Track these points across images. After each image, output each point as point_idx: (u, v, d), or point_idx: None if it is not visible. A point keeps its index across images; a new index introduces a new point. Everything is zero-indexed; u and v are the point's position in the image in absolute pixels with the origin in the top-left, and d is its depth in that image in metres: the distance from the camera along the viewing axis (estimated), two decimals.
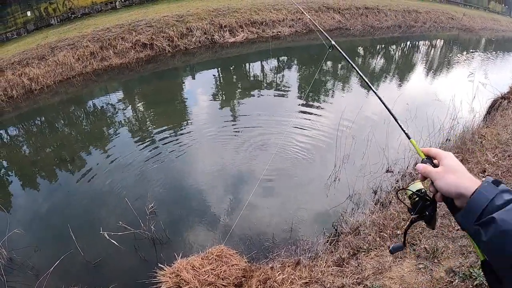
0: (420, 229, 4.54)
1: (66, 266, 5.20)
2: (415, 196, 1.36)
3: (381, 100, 1.56)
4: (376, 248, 4.52)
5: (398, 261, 4.18)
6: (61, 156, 8.87)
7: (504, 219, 0.96)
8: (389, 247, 1.46)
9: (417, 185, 1.38)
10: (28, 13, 19.80)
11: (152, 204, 5.93)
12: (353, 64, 1.61)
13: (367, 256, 4.45)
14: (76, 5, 20.45)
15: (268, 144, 8.45)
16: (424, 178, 1.31)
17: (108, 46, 15.73)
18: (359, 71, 2.28)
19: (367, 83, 1.82)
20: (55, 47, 15.44)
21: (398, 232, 4.67)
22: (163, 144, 8.72)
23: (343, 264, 4.44)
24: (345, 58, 2.23)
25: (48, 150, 9.61)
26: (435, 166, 1.28)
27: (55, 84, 13.94)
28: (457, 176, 1.16)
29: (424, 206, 1.33)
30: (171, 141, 8.84)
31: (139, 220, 5.54)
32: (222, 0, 20.85)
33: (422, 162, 1.35)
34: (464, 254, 3.98)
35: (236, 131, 9.31)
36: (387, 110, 1.81)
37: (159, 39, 16.49)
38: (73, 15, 20.45)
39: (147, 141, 8.93)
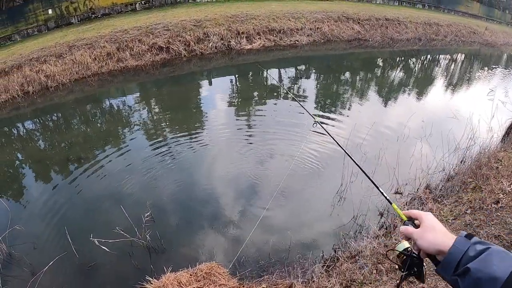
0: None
1: (61, 267, 5.19)
2: (402, 255, 1.48)
3: (362, 170, 1.70)
4: (370, 283, 4.27)
5: None
6: (68, 155, 8.83)
7: (477, 268, 1.10)
8: None
9: (404, 244, 1.48)
10: (50, 11, 20.11)
11: (149, 212, 5.76)
12: (337, 142, 1.66)
13: None
14: (97, 5, 20.72)
15: (276, 157, 8.28)
16: (407, 238, 1.43)
17: (125, 48, 15.81)
18: (341, 145, 2.29)
19: (347, 154, 1.81)
20: (73, 46, 15.59)
21: (397, 266, 4.42)
22: (173, 150, 8.60)
23: None
24: (329, 135, 2.32)
25: (56, 148, 9.64)
26: (417, 226, 1.39)
27: (71, 83, 14.08)
28: (434, 235, 1.29)
29: (412, 263, 1.44)
30: (181, 148, 8.71)
31: (135, 228, 5.48)
32: (241, 6, 20.88)
33: (404, 224, 1.47)
34: None
35: (248, 142, 9.12)
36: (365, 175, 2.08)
37: (175, 43, 16.50)
38: (93, 15, 20.71)
39: (157, 146, 8.82)
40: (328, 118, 10.67)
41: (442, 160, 7.30)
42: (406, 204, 6.30)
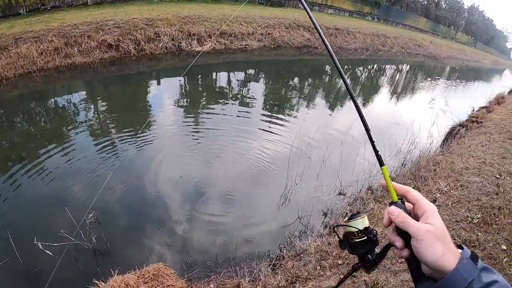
0: None
1: (5, 273, 5.11)
2: (361, 235, 1.13)
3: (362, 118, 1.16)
4: (314, 278, 4.46)
5: None
6: (9, 154, 8.65)
7: None
8: None
9: (364, 221, 1.15)
10: None
11: (92, 214, 5.71)
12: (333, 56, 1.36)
13: (304, 286, 4.39)
14: None
15: (224, 159, 8.50)
16: (389, 223, 1.07)
17: (73, 43, 15.57)
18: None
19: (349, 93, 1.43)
20: (19, 38, 15.15)
21: (339, 262, 4.64)
22: (119, 150, 8.61)
23: None
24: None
25: None
26: (409, 213, 1.07)
27: (15, 77, 13.61)
28: (444, 247, 0.96)
29: (370, 250, 1.13)
30: (128, 148, 8.76)
31: (80, 230, 5.39)
32: (194, 8, 21.04)
33: (394, 204, 1.09)
34: None
35: (194, 143, 9.30)
36: (365, 130, 1.26)
37: (125, 41, 16.48)
38: (42, 7, 20.14)
39: (103, 146, 8.79)
40: (276, 120, 11.10)
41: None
42: (348, 204, 6.68)
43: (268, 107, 12.96)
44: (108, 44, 16.18)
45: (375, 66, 24.88)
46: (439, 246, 0.95)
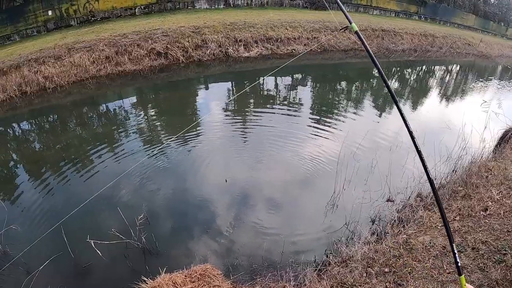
0: (409, 269, 4.44)
1: (56, 267, 5.31)
2: None
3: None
4: (360, 285, 4.40)
5: None
6: (65, 156, 8.92)
7: None
8: None
9: None
10: (49, 12, 20.19)
11: (142, 215, 5.85)
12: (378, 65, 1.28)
13: None
14: (97, 9, 20.83)
15: (271, 163, 8.43)
16: None
17: (124, 52, 15.93)
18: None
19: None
20: (72, 48, 15.69)
21: (386, 269, 4.55)
22: (169, 154, 8.78)
23: None
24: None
25: (54, 149, 9.71)
26: None
27: (69, 85, 14.14)
28: None
29: None
30: (177, 152, 8.89)
31: (130, 230, 5.58)
32: (239, 14, 21.07)
33: None
34: None
35: (243, 147, 9.28)
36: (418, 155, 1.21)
37: (173, 48, 16.67)
38: (92, 18, 20.82)
39: (153, 149, 8.97)
40: (323, 124, 10.87)
41: (434, 169, 7.39)
42: (397, 211, 6.48)
43: (315, 111, 12.69)
44: (157, 52, 16.41)
45: (423, 67, 24.01)
46: None
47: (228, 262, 5.44)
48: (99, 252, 5.27)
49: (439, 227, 5.36)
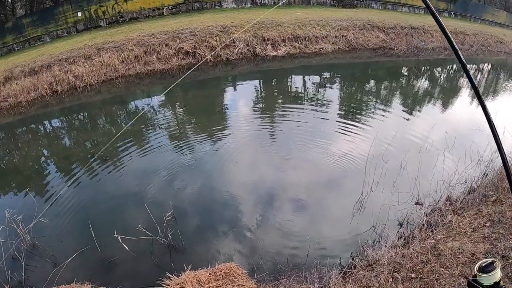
0: (437, 275, 4.26)
1: (83, 260, 5.42)
2: None
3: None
4: None
5: None
6: (93, 153, 9.11)
7: None
8: None
9: (497, 275, 1.11)
10: (79, 14, 20.58)
11: (170, 212, 5.87)
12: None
13: None
14: (125, 9, 21.11)
15: (298, 162, 8.31)
16: None
17: (152, 51, 16.06)
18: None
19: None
20: (101, 48, 15.93)
21: (413, 275, 4.42)
22: (196, 152, 8.79)
23: None
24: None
25: (82, 146, 9.89)
26: None
27: (98, 84, 14.40)
28: None
29: None
30: (204, 151, 8.90)
31: (157, 226, 5.62)
32: (267, 13, 20.96)
33: None
34: None
35: (271, 146, 9.19)
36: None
37: (201, 48, 16.68)
38: (121, 19, 21.10)
39: (180, 148, 9.03)
40: (351, 124, 10.66)
41: (464, 172, 7.23)
42: (426, 215, 6.29)
43: (344, 110, 12.48)
44: (185, 51, 16.46)
45: (454, 66, 23.39)
46: None
47: (252, 262, 5.43)
48: (126, 247, 5.35)
49: (468, 233, 5.20)
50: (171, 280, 4.63)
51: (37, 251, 5.69)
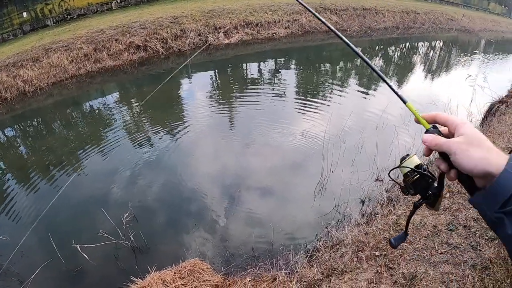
0: (400, 251, 4.32)
1: (48, 274, 5.24)
2: (414, 174, 1.13)
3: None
4: (351, 270, 4.31)
5: (373, 287, 3.98)
6: (49, 160, 8.78)
7: None
8: (389, 240, 1.20)
9: (414, 160, 1.16)
10: (24, 14, 19.77)
11: (128, 213, 5.74)
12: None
13: (340, 279, 4.22)
14: (72, 6, 20.42)
15: (257, 150, 8.38)
16: (429, 152, 1.07)
17: (102, 48, 15.64)
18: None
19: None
20: (49, 49, 15.38)
21: (377, 253, 4.46)
22: (154, 148, 8.70)
23: (315, 287, 4.27)
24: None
25: (37, 154, 9.52)
26: (446, 136, 1.03)
27: (49, 86, 13.86)
28: (485, 150, 0.91)
29: (428, 185, 1.12)
30: (164, 145, 8.82)
31: (118, 230, 5.50)
32: (217, 1, 20.80)
33: (428, 132, 1.09)
34: (445, 282, 3.70)
35: (231, 134, 9.26)
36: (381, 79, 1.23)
37: (152, 41, 16.40)
38: (69, 16, 20.41)
39: (138, 145, 8.89)
40: (309, 107, 10.82)
41: (422, 146, 7.36)
42: (386, 190, 6.39)
43: (300, 94, 12.66)
44: (136, 46, 16.13)
45: (407, 44, 23.94)
46: (475, 151, 0.91)
47: (218, 255, 5.43)
48: (90, 255, 5.22)
49: None
50: (136, 284, 4.57)
51: (1, 270, 5.39)
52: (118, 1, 21.46)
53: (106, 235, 5.38)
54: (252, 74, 15.33)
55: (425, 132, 1.10)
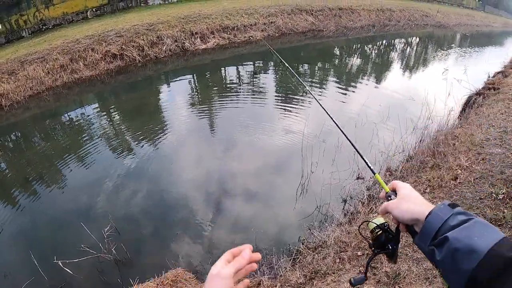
0: None
1: None
2: (377, 230, 1.36)
3: (342, 131, 1.51)
4: (333, 272, 4.28)
5: None
6: (27, 175, 8.62)
7: (457, 237, 0.98)
8: (350, 279, 1.37)
9: (380, 220, 1.38)
10: None
11: (109, 226, 5.69)
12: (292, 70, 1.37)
13: (323, 281, 4.20)
14: (47, 16, 20.30)
15: (237, 154, 8.44)
16: (385, 212, 1.31)
17: (78, 58, 15.51)
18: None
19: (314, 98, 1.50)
20: (24, 61, 15.21)
21: (359, 253, 4.46)
22: (134, 158, 8.60)
23: None
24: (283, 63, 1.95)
25: (15, 169, 9.36)
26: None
27: (25, 100, 13.64)
28: (410, 203, 1.20)
29: (386, 240, 1.33)
30: (144, 154, 8.73)
31: (99, 243, 5.45)
32: (193, 6, 20.86)
33: (387, 195, 1.37)
34: (428, 278, 3.75)
35: (212, 139, 9.29)
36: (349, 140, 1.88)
37: (129, 49, 16.35)
38: (44, 27, 20.28)
39: (119, 155, 8.82)
40: (288, 109, 10.91)
41: (401, 141, 7.50)
42: (367, 188, 6.46)
43: (279, 95, 12.76)
44: (112, 54, 16.05)
45: (383, 42, 24.30)
46: (403, 205, 1.21)
47: (201, 263, 5.38)
48: (72, 270, 5.14)
49: None
50: None
51: None
52: (94, 10, 21.38)
53: (88, 249, 5.33)
54: (230, 78, 15.43)
55: (385, 196, 1.38)
